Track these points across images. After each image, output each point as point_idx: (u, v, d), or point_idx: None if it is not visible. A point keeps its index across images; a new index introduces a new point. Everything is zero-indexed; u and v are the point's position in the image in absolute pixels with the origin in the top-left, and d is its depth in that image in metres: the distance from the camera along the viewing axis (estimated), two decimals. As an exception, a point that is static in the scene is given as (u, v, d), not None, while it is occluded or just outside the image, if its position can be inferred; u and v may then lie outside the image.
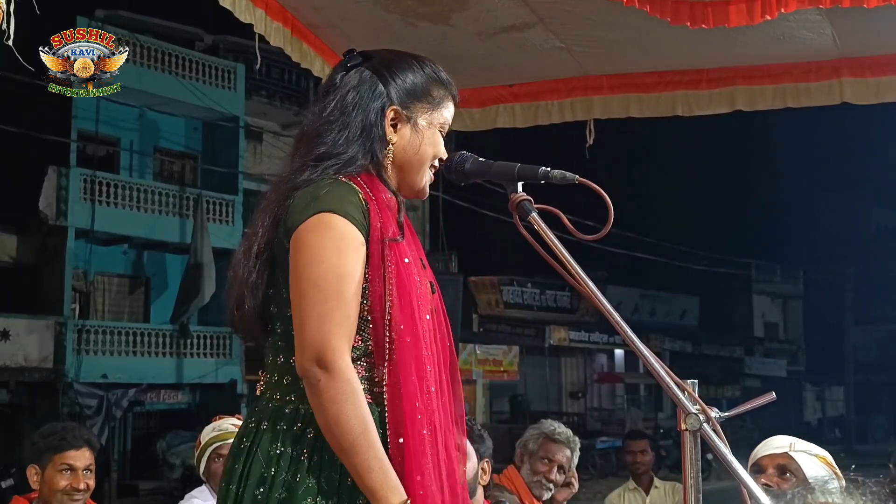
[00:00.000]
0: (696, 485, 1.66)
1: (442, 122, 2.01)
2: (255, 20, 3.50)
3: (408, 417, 1.80)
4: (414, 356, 1.82)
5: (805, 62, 4.18)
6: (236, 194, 22.62)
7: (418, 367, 1.82)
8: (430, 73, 2.01)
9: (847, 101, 4.20)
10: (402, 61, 2.01)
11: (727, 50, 4.07)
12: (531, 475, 3.77)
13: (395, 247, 1.85)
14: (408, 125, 1.96)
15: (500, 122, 4.63)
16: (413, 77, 1.98)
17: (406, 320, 1.82)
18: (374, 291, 1.83)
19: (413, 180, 1.99)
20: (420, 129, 1.97)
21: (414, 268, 1.87)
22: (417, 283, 1.87)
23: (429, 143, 1.98)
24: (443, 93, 2.01)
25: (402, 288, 1.83)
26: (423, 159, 1.98)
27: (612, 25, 3.89)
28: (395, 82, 1.96)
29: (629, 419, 30.35)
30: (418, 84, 1.98)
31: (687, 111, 4.40)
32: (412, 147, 1.97)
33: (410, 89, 1.97)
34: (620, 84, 4.45)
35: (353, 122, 1.93)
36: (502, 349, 27.36)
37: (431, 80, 2.00)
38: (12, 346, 18.76)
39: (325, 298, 1.77)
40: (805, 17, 3.66)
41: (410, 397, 1.81)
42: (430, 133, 1.98)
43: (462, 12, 3.76)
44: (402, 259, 1.85)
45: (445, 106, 2.02)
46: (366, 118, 1.93)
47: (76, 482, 3.20)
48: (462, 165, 2.00)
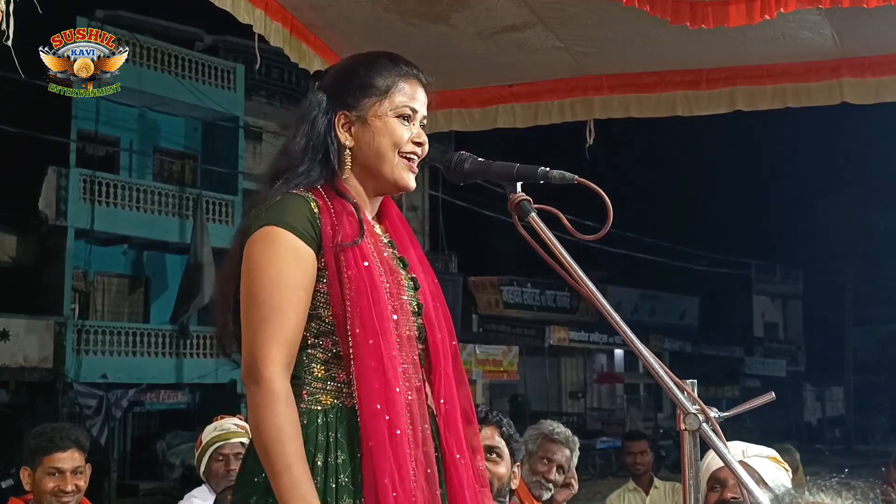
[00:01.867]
0: (696, 485, 1.65)
1: (395, 107, 1.98)
2: (254, 20, 3.50)
3: (369, 420, 1.82)
4: (375, 357, 1.83)
5: (805, 62, 4.18)
6: (236, 194, 22.62)
7: (382, 369, 1.83)
8: (369, 63, 2.01)
9: (847, 101, 4.19)
10: (346, 66, 2.06)
11: (727, 50, 4.06)
12: (530, 475, 3.76)
13: (351, 251, 1.87)
14: (359, 124, 1.98)
15: (500, 122, 4.63)
16: (353, 77, 2.01)
17: (365, 323, 1.84)
18: (334, 296, 1.87)
19: (382, 173, 1.99)
20: (370, 123, 1.98)
21: (376, 269, 1.89)
22: (381, 283, 1.88)
23: (382, 133, 1.97)
24: (391, 79, 1.99)
25: (359, 291, 1.86)
26: (381, 150, 1.97)
27: (612, 25, 3.89)
28: (338, 89, 2.00)
29: (629, 419, 30.37)
30: (358, 81, 1.99)
31: (687, 111, 4.40)
32: (366, 143, 1.98)
33: (353, 89, 1.99)
34: (620, 84, 4.45)
35: (304, 138, 1.97)
36: (502, 349, 27.36)
37: (373, 71, 2.00)
38: (12, 346, 18.76)
39: (258, 309, 1.83)
40: (805, 17, 3.66)
41: (372, 399, 1.82)
42: (382, 123, 1.98)
43: (462, 12, 3.76)
44: (360, 262, 1.87)
45: (398, 90, 1.99)
46: (313, 132, 1.97)
47: (63, 484, 3.19)
48: (462, 165, 2.00)
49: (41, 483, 3.20)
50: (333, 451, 1.84)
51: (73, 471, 3.22)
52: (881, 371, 40.17)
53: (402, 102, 1.99)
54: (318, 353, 1.90)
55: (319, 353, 1.90)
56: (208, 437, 3.73)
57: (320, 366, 1.89)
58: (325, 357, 1.89)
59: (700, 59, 4.25)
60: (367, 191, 2.02)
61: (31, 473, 3.22)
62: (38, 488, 3.20)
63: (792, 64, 4.21)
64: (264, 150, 24.18)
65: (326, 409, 1.87)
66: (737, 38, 3.79)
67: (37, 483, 3.21)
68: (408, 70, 2.01)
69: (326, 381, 1.89)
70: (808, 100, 4.26)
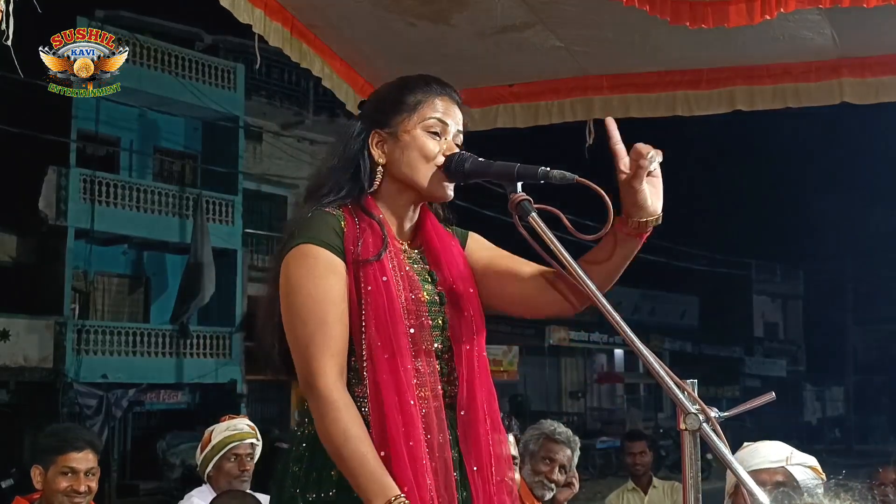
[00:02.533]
0: (696, 485, 1.65)
1: (423, 120, 2.02)
2: (254, 20, 3.50)
3: (382, 431, 1.86)
4: (390, 371, 1.87)
5: (805, 62, 4.18)
6: (236, 194, 22.64)
7: (395, 382, 1.87)
8: (401, 84, 2.07)
9: (847, 101, 4.19)
10: (381, 90, 2.15)
11: (727, 50, 4.06)
12: (532, 475, 3.76)
13: (371, 266, 1.92)
14: (391, 141, 2.03)
15: (499, 122, 4.62)
16: (384, 97, 2.08)
17: (380, 337, 1.89)
18: (353, 312, 1.91)
19: (416, 184, 2.02)
20: (400, 138, 2.02)
21: (394, 285, 1.92)
22: (398, 298, 1.91)
23: (412, 147, 2.01)
24: (419, 95, 2.04)
25: (376, 306, 1.90)
26: (412, 163, 2.00)
27: (612, 25, 3.89)
28: (373, 111, 2.07)
29: (629, 419, 30.35)
30: (389, 100, 2.06)
31: (687, 111, 4.39)
32: (397, 157, 2.02)
33: (384, 108, 2.05)
34: (620, 84, 4.45)
35: (336, 158, 2.05)
36: (502, 349, 27.34)
37: (402, 90, 2.05)
38: (12, 346, 18.76)
39: (304, 325, 1.88)
40: (805, 17, 3.66)
41: (385, 411, 1.86)
42: (411, 137, 2.01)
43: (462, 12, 3.75)
44: (379, 278, 1.92)
45: (426, 105, 2.03)
46: (347, 152, 2.04)
47: (77, 485, 3.19)
48: (462, 165, 2.00)
49: (54, 482, 3.19)
50: None
51: (87, 471, 3.22)
52: (881, 371, 40.17)
53: (430, 116, 2.02)
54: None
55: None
56: (220, 436, 3.73)
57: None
58: (346, 373, 1.93)
59: (700, 59, 4.25)
60: (403, 203, 2.05)
61: (43, 472, 3.22)
62: (50, 487, 3.20)
63: (792, 64, 4.20)
64: (264, 150, 24.21)
65: None
66: (737, 38, 3.79)
67: (49, 482, 3.20)
68: (439, 88, 2.05)
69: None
70: (808, 100, 4.25)
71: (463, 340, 2.01)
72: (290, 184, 23.31)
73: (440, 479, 1.88)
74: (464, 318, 2.03)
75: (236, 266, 22.59)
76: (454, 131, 2.04)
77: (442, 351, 2.00)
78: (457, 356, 2.00)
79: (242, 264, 22.88)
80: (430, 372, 1.96)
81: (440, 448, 1.91)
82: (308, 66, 3.94)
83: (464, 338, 2.01)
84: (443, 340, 2.00)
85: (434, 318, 1.99)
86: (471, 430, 1.99)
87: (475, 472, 1.97)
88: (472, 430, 1.99)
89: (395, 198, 2.04)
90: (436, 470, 1.88)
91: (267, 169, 24.24)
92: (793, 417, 36.42)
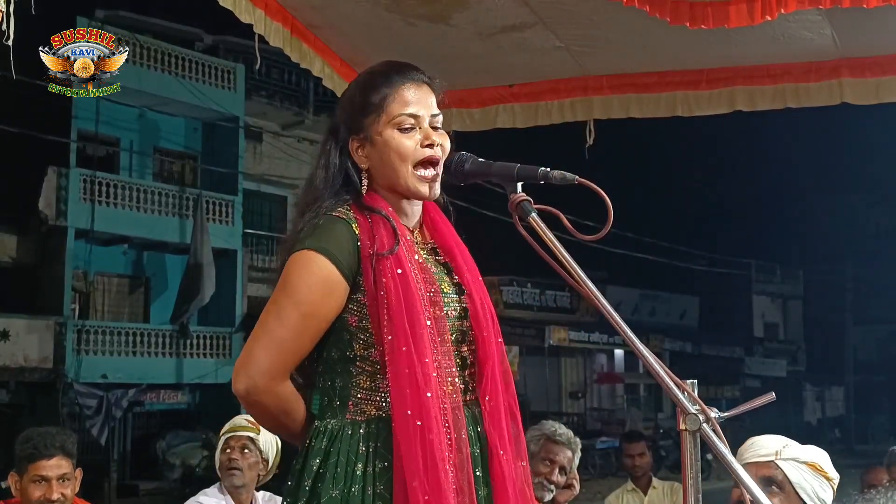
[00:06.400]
0: (696, 485, 1.65)
1: (392, 119, 1.98)
2: (254, 20, 3.50)
3: (400, 424, 1.84)
4: (408, 364, 1.86)
5: (805, 62, 4.18)
6: (236, 194, 22.63)
7: (414, 375, 1.86)
8: (365, 82, 2.04)
9: (847, 101, 4.19)
10: (348, 91, 2.12)
11: (727, 50, 4.06)
12: (532, 477, 3.75)
13: (387, 260, 1.90)
14: (368, 145, 2.01)
15: (499, 122, 4.63)
16: (351, 100, 2.05)
17: (398, 330, 1.87)
18: (370, 306, 1.91)
19: (398, 185, 2.00)
20: (374, 140, 2.00)
21: (411, 276, 1.91)
22: (416, 290, 1.90)
23: (388, 147, 1.98)
24: (383, 90, 1.99)
25: (394, 298, 1.88)
26: (391, 163, 1.98)
27: (612, 25, 3.89)
28: (345, 115, 2.04)
29: (629, 419, 30.32)
30: (356, 103, 2.02)
31: (687, 111, 4.40)
32: (377, 160, 2.00)
33: (354, 112, 2.02)
34: (620, 84, 4.45)
35: (323, 169, 2.04)
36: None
37: (367, 89, 2.01)
38: (12, 346, 18.75)
39: (280, 325, 1.90)
40: (805, 17, 3.66)
41: (404, 405, 1.85)
42: (384, 138, 1.98)
43: (462, 12, 3.76)
44: (395, 270, 1.90)
45: (393, 99, 1.98)
46: (330, 162, 2.02)
47: (49, 493, 3.12)
48: (462, 166, 2.00)
49: (27, 490, 3.14)
50: (373, 461, 1.87)
51: (60, 478, 3.14)
52: (881, 371, 40.16)
53: (399, 113, 1.98)
54: (366, 365, 1.93)
55: (367, 365, 1.93)
56: (222, 432, 3.76)
57: (367, 378, 1.93)
58: (373, 370, 1.92)
59: (700, 59, 4.25)
60: (397, 200, 2.03)
61: (19, 480, 3.17)
62: (25, 496, 3.14)
63: (792, 64, 4.21)
64: (264, 150, 24.21)
65: (370, 419, 1.90)
66: (737, 39, 3.80)
67: (23, 490, 3.15)
68: (399, 78, 2.00)
69: (372, 393, 1.92)
70: (808, 100, 4.26)
71: (484, 329, 2.01)
72: (290, 184, 23.31)
73: (461, 474, 1.88)
74: (480, 306, 2.02)
75: (236, 266, 22.59)
76: (428, 117, 2.00)
77: (460, 342, 1.99)
78: (480, 345, 1.99)
79: (242, 264, 22.89)
80: (449, 364, 1.95)
81: (460, 444, 1.90)
82: (308, 66, 3.94)
83: (485, 326, 2.01)
84: (464, 331, 1.99)
85: (452, 308, 1.98)
86: (495, 416, 1.99)
87: (501, 457, 1.96)
88: (496, 417, 1.99)
89: (389, 195, 2.03)
90: (456, 464, 1.88)
91: (267, 169, 24.25)
92: (793, 417, 36.38)
